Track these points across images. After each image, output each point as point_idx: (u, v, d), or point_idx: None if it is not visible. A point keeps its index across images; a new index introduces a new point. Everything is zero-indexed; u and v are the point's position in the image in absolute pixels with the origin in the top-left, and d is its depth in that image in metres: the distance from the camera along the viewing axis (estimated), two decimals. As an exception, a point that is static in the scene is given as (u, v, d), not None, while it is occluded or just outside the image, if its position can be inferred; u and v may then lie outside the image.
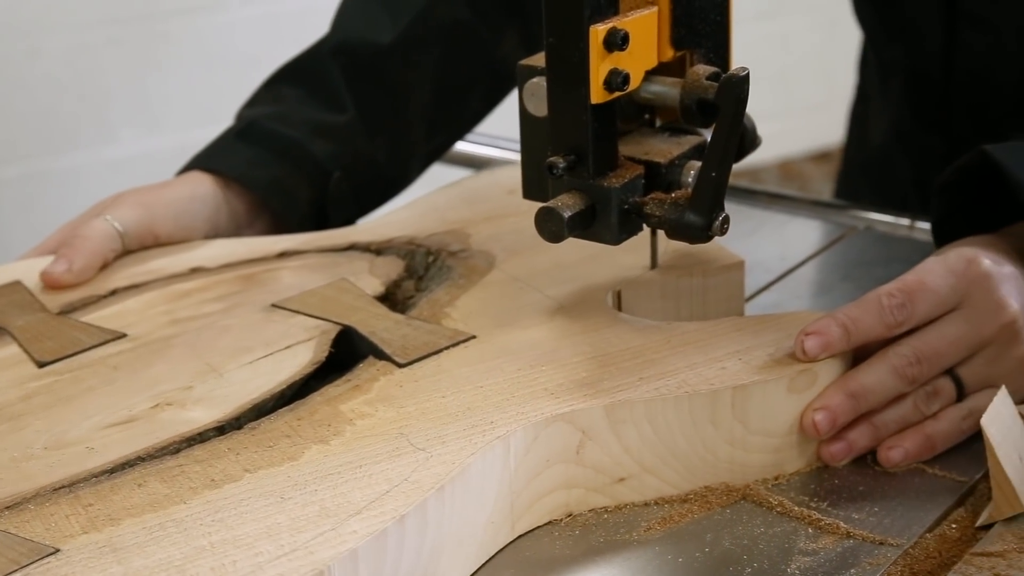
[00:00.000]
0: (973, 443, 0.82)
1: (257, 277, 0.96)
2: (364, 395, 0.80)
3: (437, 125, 1.15)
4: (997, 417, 0.77)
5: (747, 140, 0.88)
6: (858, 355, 0.83)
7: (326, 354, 0.85)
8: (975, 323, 0.82)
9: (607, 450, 0.78)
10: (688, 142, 0.86)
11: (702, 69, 0.82)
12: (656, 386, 0.79)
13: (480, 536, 0.74)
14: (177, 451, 0.76)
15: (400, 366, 0.83)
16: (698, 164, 0.82)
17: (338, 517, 0.68)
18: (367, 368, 0.83)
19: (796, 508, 0.78)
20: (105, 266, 0.99)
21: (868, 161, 1.37)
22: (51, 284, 0.97)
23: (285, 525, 0.68)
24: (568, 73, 0.79)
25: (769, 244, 1.14)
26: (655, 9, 0.82)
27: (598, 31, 0.78)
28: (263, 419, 0.78)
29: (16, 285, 0.97)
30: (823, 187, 3.21)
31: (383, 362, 0.83)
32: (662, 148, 0.85)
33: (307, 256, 1.00)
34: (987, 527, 0.76)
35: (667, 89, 0.83)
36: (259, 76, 1.14)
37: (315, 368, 0.84)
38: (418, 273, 0.97)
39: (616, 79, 0.79)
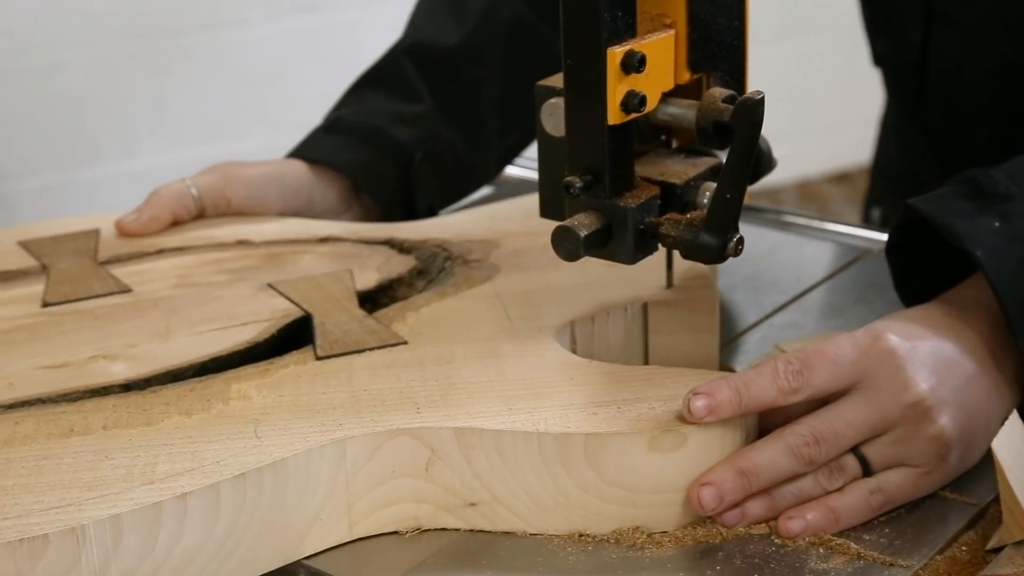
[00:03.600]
0: (985, 466, 0.81)
1: (282, 257, 1.02)
2: (262, 379, 0.84)
3: (509, 121, 1.19)
4: (1008, 440, 0.76)
5: (763, 162, 0.89)
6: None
7: (265, 337, 0.90)
8: (876, 404, 0.78)
9: (457, 472, 0.79)
10: (704, 163, 0.86)
11: (718, 92, 0.82)
12: (516, 419, 0.79)
13: (302, 530, 0.77)
14: (76, 400, 0.83)
15: (318, 358, 0.86)
16: (713, 185, 0.82)
17: (131, 483, 0.73)
18: (291, 356, 0.87)
19: (807, 529, 0.79)
20: (176, 223, 1.08)
21: (887, 165, 1.37)
22: (120, 231, 1.07)
23: (85, 481, 0.73)
24: (586, 94, 0.80)
25: (784, 265, 1.12)
26: (672, 32, 0.83)
27: (615, 53, 0.79)
28: (167, 385, 0.84)
29: (92, 232, 1.07)
30: (842, 208, 3.12)
31: (308, 352, 0.87)
32: (678, 169, 0.85)
33: (342, 244, 1.04)
34: (997, 550, 0.77)
35: (683, 111, 0.84)
36: (277, 91, 1.22)
37: (247, 347, 0.89)
38: (431, 276, 1.00)
39: (633, 101, 0.80)
